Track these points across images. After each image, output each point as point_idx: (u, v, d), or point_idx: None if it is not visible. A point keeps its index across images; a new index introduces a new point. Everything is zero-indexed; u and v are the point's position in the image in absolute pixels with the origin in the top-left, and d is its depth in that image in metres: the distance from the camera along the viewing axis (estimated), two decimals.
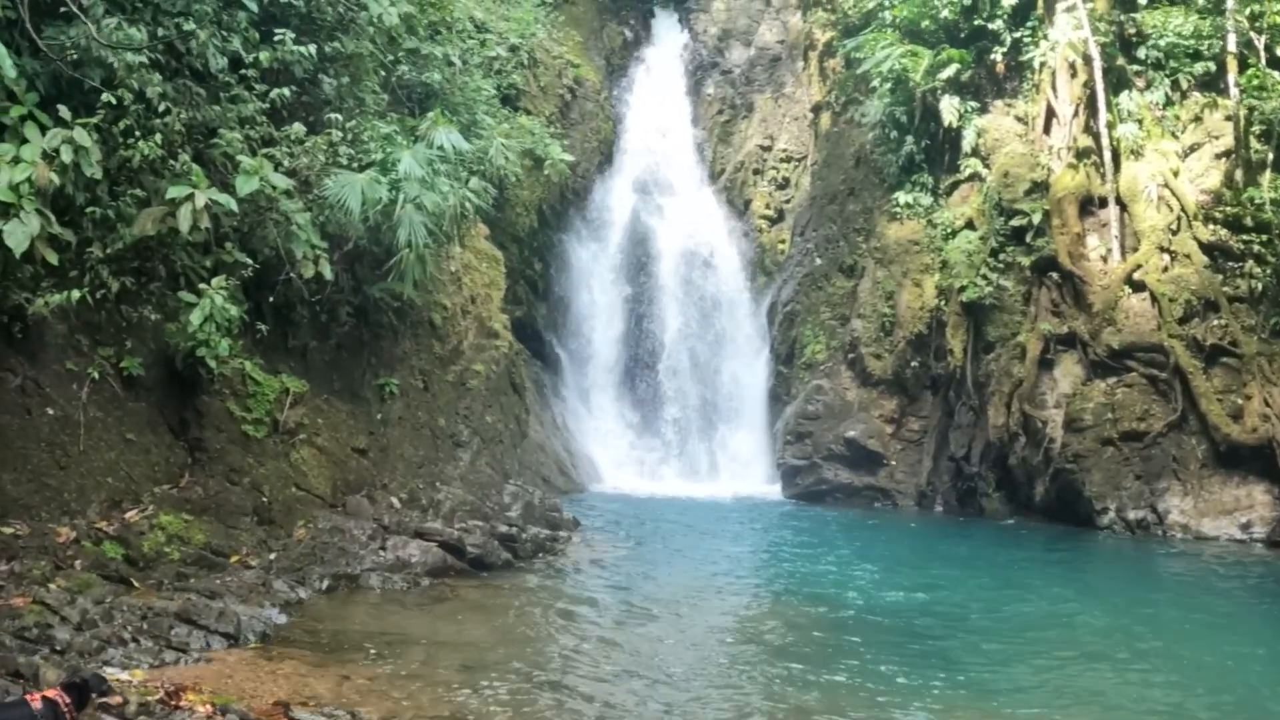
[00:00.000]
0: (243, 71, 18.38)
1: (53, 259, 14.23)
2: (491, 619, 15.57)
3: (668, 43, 45.79)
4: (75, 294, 14.71)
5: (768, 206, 41.27)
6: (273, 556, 15.96)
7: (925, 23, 33.91)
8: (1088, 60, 30.43)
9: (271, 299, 18.50)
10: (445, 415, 22.49)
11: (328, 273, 18.26)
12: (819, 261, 36.64)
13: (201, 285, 16.26)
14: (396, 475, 20.25)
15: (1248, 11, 29.21)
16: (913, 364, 33.36)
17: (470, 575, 18.16)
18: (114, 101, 15.50)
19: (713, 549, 24.55)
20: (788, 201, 41.23)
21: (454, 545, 18.21)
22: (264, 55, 18.54)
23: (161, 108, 16.34)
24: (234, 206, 16.39)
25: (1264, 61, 29.14)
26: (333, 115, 19.45)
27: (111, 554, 14.09)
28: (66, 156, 14.13)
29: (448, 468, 21.73)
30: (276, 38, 18.86)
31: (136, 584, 13.81)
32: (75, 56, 15.38)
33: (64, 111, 14.51)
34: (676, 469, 37.11)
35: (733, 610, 18.08)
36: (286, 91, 18.57)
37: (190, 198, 15.68)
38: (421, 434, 21.60)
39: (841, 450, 33.55)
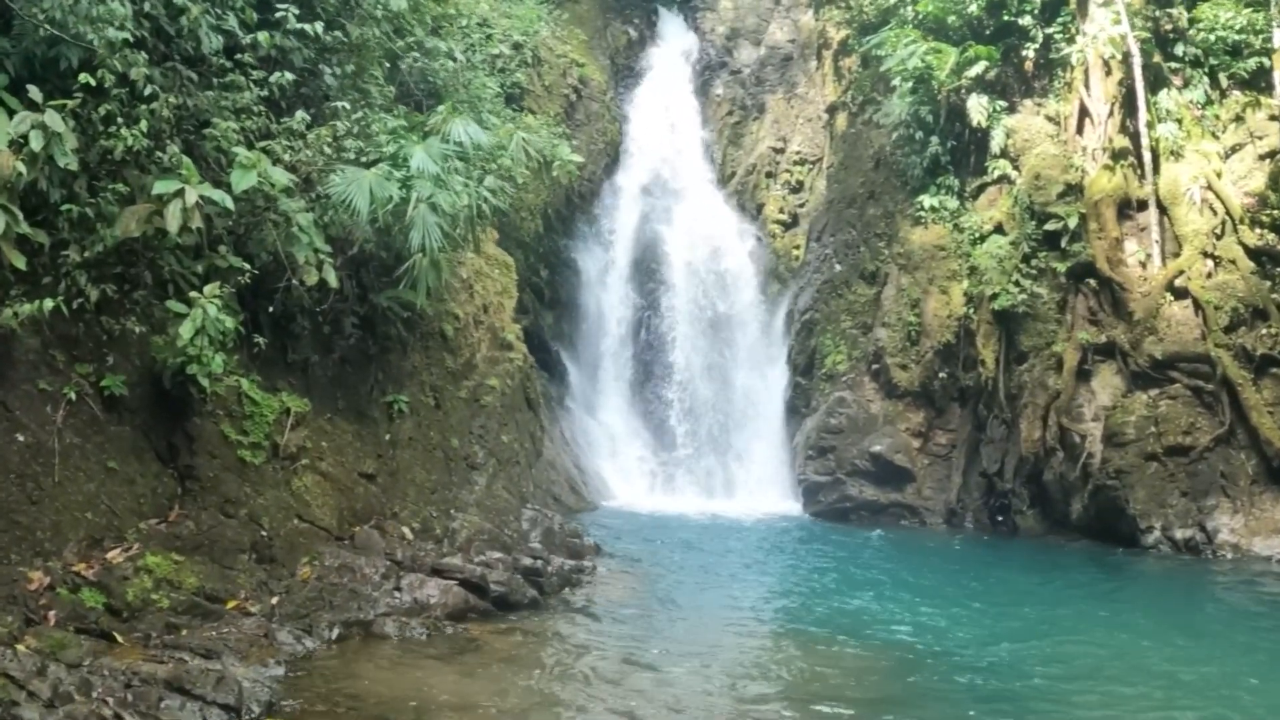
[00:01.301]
0: (238, 56, 16.56)
1: (21, 264, 12.37)
2: (525, 676, 13.70)
3: (674, 42, 44.41)
4: (49, 303, 12.74)
5: (781, 211, 39.76)
6: (275, 601, 14.06)
7: (951, 18, 32.47)
8: (1125, 57, 28.95)
9: (270, 309, 16.57)
10: (458, 435, 20.67)
11: (332, 279, 16.42)
12: (838, 268, 35.09)
13: (192, 294, 14.25)
14: (408, 502, 18.44)
15: None
16: (940, 375, 31.83)
17: (495, 617, 16.33)
18: (93, 84, 13.62)
19: (745, 579, 22.89)
20: (802, 205, 39.75)
21: (476, 583, 16.40)
22: (262, 37, 16.68)
23: (148, 92, 14.42)
24: (229, 205, 14.49)
25: None
26: (339, 104, 17.65)
27: (91, 603, 12.20)
28: (36, 144, 12.25)
29: (462, 492, 19.92)
30: (278, 13, 17.06)
31: (120, 638, 11.94)
32: (49, 32, 13.52)
33: (34, 93, 12.67)
34: (690, 485, 35.49)
35: (786, 658, 16.24)
36: (288, 77, 16.77)
37: (180, 194, 13.80)
38: (434, 456, 19.78)
39: (866, 465, 31.99)
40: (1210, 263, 27.87)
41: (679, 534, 28.14)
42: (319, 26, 17.69)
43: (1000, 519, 30.40)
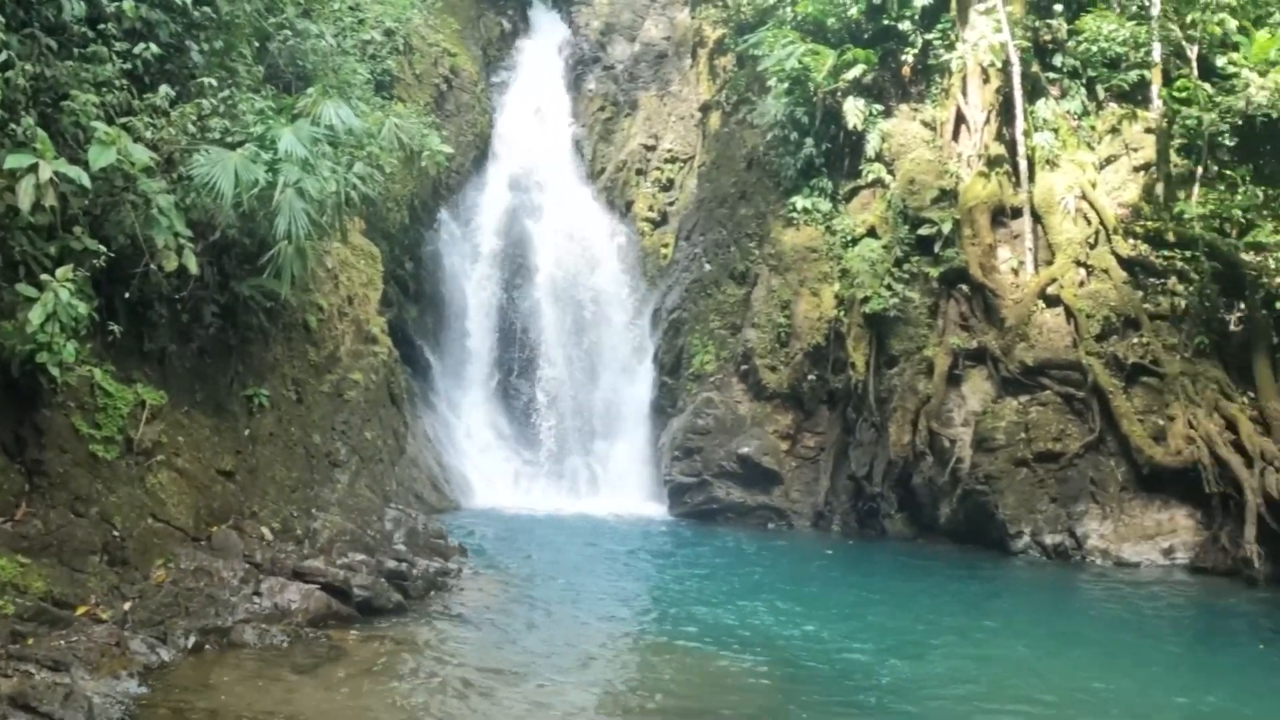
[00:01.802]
0: (102, 26, 15.59)
1: None
2: (391, 688, 12.96)
3: (548, 35, 43.93)
4: None
5: (651, 209, 39.26)
6: (127, 606, 13.15)
7: (830, 21, 32.34)
8: (1004, 65, 29.05)
9: (126, 295, 15.59)
10: (321, 431, 19.82)
11: (193, 266, 15.49)
12: (708, 267, 34.81)
13: (44, 277, 13.24)
14: (268, 501, 17.57)
15: (1188, 19, 27.96)
16: (810, 377, 31.74)
17: (359, 623, 15.57)
18: None
19: (615, 584, 22.45)
20: (672, 204, 39.28)
21: (339, 588, 15.63)
22: (128, 7, 15.68)
23: (2, 59, 13.41)
24: (86, 182, 13.50)
25: (1196, 73, 27.97)
26: (206, 81, 16.71)
27: None
28: None
29: (324, 491, 19.09)
30: None
31: None
32: None
33: None
34: (554, 485, 34.89)
35: (666, 669, 15.66)
36: (153, 50, 15.84)
37: (33, 170, 12.82)
38: (295, 453, 18.92)
39: (734, 467, 31.80)
40: (1083, 271, 28.13)
41: (544, 535, 27.67)
42: None
43: (868, 522, 30.37)
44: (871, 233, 31.29)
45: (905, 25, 31.79)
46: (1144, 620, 20.89)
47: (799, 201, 32.57)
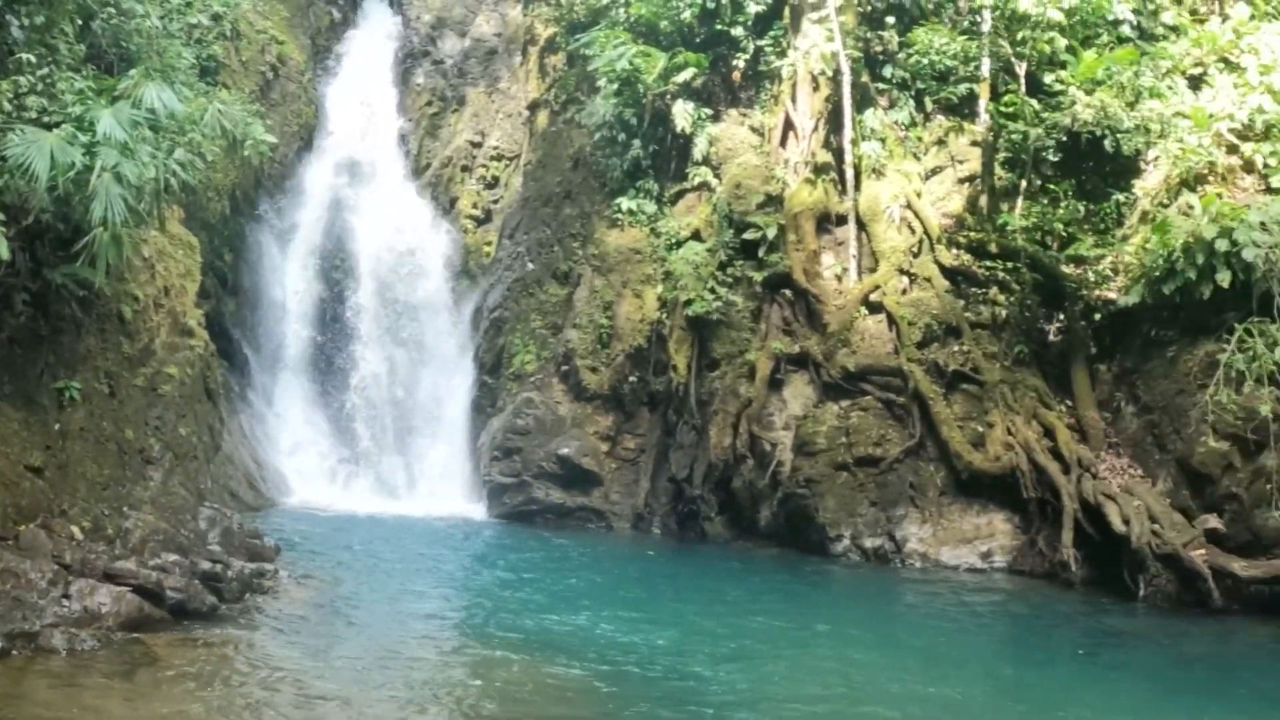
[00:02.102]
0: None
1: None
2: (205, 694, 12.54)
3: (378, 27, 43.03)
4: None
5: (475, 206, 38.80)
6: None
7: (664, 24, 32.41)
8: (835, 74, 29.43)
9: None
10: (134, 426, 19.15)
11: (3, 250, 14.84)
12: (531, 266, 34.57)
13: None
14: (78, 499, 16.90)
15: (1019, 36, 28.59)
16: (631, 379, 31.69)
17: (172, 627, 15.09)
18: None
19: (435, 587, 22.36)
20: (496, 202, 38.88)
21: (151, 590, 15.12)
22: None
23: None
24: None
25: (1024, 89, 28.63)
26: (24, 57, 16.02)
27: None
28: None
29: (136, 489, 18.44)
30: None
31: None
32: None
33: None
34: (372, 484, 34.23)
35: (476, 674, 15.43)
36: None
37: None
38: (107, 448, 18.23)
39: (553, 468, 31.56)
40: (906, 280, 28.58)
41: (362, 535, 27.18)
42: None
43: (688, 525, 30.37)
44: (696, 236, 31.34)
45: (738, 31, 31.98)
46: (972, 624, 21.38)
47: (624, 203, 32.54)
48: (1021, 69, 29.04)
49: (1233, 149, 26.32)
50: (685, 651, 17.57)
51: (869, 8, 31.15)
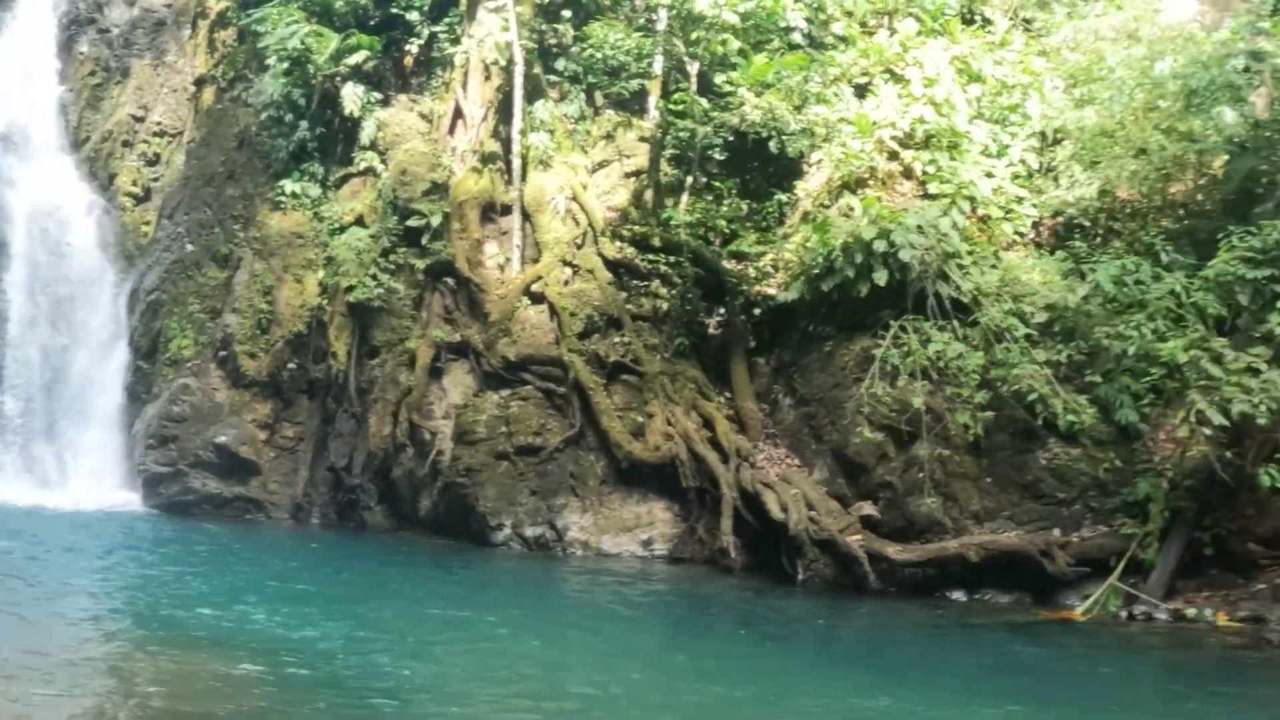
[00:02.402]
0: None
1: None
2: None
3: None
4: None
5: (135, 183, 37.10)
6: None
7: (339, 4, 31.86)
8: (508, 64, 29.41)
9: None
10: None
11: None
12: (190, 248, 33.41)
13: None
14: None
15: (693, 36, 29.01)
16: (290, 366, 31.08)
17: None
18: None
19: (87, 581, 21.48)
20: (157, 179, 37.24)
21: None
22: None
23: None
24: None
25: (695, 88, 29.08)
26: None
27: None
28: None
29: None
30: None
31: None
32: None
33: None
34: (19, 473, 32.70)
35: (138, 674, 14.73)
36: None
37: None
38: None
39: (211, 457, 30.73)
40: (569, 271, 28.63)
41: (10, 528, 26.08)
42: None
43: (348, 514, 30.06)
44: (360, 221, 30.86)
45: (413, 16, 31.52)
46: (637, 610, 21.66)
47: (288, 185, 31.77)
48: (694, 68, 29.39)
49: (894, 155, 27.06)
50: (362, 644, 17.19)
51: (546, 0, 31.18)
